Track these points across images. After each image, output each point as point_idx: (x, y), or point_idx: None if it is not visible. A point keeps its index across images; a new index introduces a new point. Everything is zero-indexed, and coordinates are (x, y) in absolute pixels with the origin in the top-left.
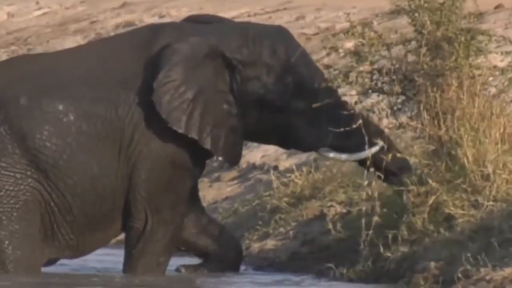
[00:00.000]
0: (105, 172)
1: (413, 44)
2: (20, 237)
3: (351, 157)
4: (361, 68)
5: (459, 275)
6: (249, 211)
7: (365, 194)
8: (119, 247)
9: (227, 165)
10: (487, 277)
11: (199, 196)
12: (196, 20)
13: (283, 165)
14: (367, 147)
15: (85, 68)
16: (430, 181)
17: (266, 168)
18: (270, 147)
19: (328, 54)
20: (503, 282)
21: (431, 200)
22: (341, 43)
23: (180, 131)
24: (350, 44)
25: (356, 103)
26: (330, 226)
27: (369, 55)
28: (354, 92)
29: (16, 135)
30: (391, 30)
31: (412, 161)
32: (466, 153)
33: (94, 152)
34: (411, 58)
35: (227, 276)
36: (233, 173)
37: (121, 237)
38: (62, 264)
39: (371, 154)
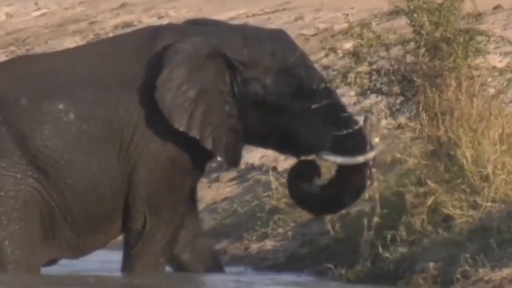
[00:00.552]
0: (105, 173)
1: (411, 45)
2: (20, 237)
3: (347, 160)
4: (359, 69)
5: (458, 275)
6: (248, 211)
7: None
8: (118, 247)
9: (226, 166)
10: (485, 278)
11: (197, 199)
12: (195, 23)
13: (282, 166)
14: (363, 151)
15: (85, 69)
16: (429, 181)
17: (265, 169)
18: None
19: (326, 55)
20: (502, 282)
21: (430, 201)
22: (339, 43)
23: (181, 129)
24: (348, 45)
25: (355, 103)
26: (329, 227)
27: (367, 55)
28: (352, 93)
29: (16, 136)
30: (389, 31)
31: (411, 161)
32: (465, 153)
33: (94, 152)
34: (409, 58)
35: (226, 276)
36: (232, 174)
37: (121, 237)
38: (62, 264)
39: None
